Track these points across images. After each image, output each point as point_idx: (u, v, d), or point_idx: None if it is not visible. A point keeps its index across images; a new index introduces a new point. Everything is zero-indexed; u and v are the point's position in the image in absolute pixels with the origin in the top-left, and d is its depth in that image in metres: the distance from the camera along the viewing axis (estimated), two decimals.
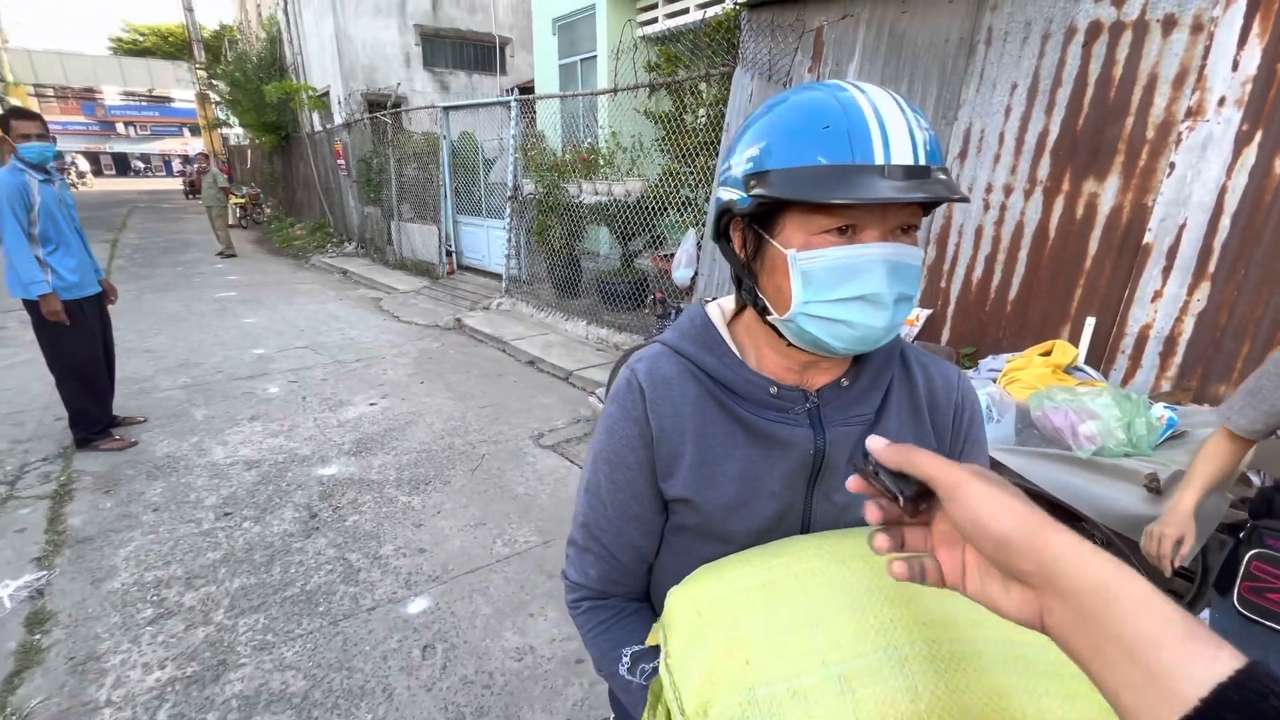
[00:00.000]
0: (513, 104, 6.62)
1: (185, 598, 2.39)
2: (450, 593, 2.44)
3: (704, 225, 4.87)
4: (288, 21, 12.91)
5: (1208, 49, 2.48)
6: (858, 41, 3.61)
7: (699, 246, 4.76)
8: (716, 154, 4.76)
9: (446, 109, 7.91)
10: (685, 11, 7.05)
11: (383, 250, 10.18)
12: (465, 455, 3.62)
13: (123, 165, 44.40)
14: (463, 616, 2.31)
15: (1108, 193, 2.76)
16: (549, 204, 6.28)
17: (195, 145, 43.81)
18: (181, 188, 26.41)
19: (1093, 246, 2.82)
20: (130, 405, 4.12)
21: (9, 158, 3.11)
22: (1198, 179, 2.51)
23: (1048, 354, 1.97)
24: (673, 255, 5.02)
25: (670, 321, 3.28)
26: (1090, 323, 2.76)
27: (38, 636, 2.18)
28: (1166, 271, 2.63)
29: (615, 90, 5.38)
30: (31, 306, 3.18)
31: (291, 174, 15.69)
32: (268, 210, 17.79)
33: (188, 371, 4.96)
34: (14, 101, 22.03)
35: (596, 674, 0.85)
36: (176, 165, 37.76)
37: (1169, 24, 2.57)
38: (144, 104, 42.28)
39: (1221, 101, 2.45)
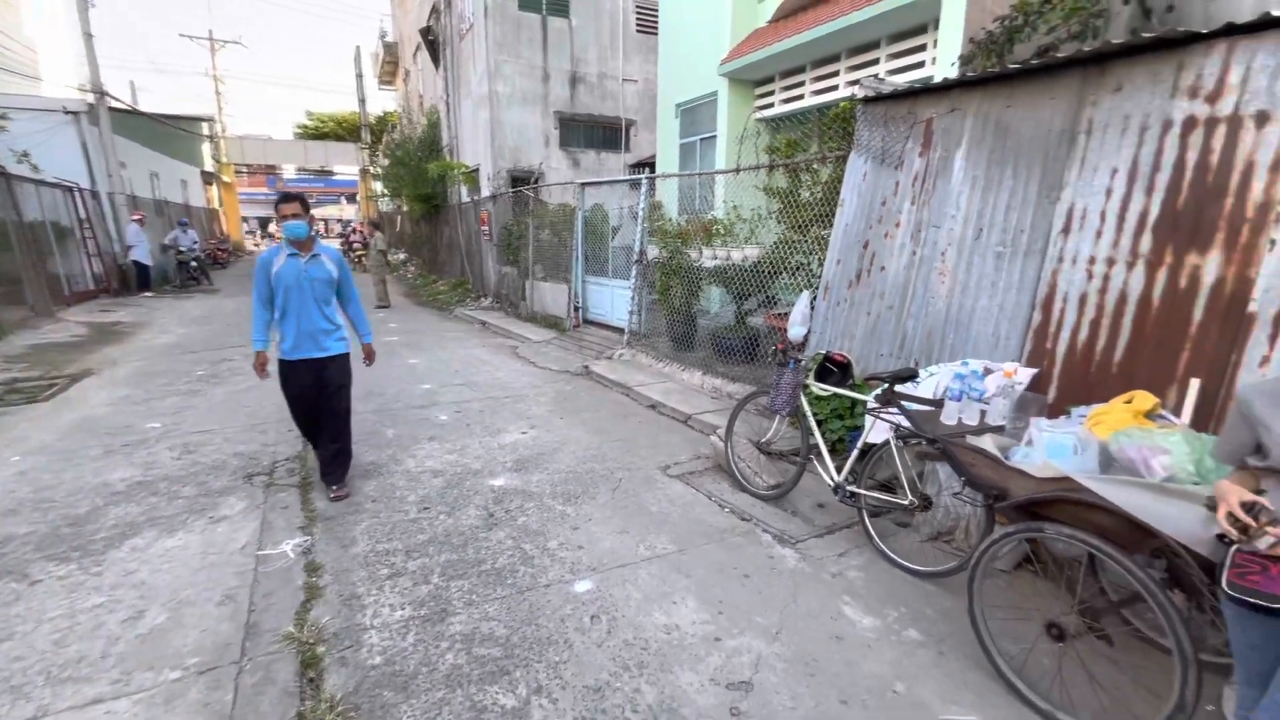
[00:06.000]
0: (643, 181, 7.56)
1: (408, 564, 3.12)
2: (607, 580, 3.00)
3: (815, 288, 5.37)
4: (448, 110, 15.16)
5: None
6: (965, 131, 4.08)
7: (811, 307, 5.24)
8: (828, 225, 5.30)
9: (583, 185, 9.06)
10: (800, 98, 7.81)
11: (515, 305, 11.44)
12: (605, 478, 4.23)
13: None
14: (619, 598, 2.86)
15: (1210, 266, 3.00)
16: (672, 267, 7.04)
17: (349, 211, 50.80)
18: (339, 248, 30.49)
19: (1197, 314, 3.03)
20: None
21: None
22: None
23: (1129, 402, 2.27)
24: (785, 314, 5.53)
25: (790, 369, 3.77)
26: (1195, 384, 2.95)
27: (315, 579, 2.97)
28: (1273, 338, 2.81)
29: (738, 170, 6.11)
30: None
31: (437, 238, 17.89)
32: (412, 269, 20.19)
33: (374, 400, 6.02)
34: (225, 178, 26.70)
35: None
36: (335, 229, 43.64)
37: (1262, 119, 2.85)
38: (312, 177, 49.93)
39: None
